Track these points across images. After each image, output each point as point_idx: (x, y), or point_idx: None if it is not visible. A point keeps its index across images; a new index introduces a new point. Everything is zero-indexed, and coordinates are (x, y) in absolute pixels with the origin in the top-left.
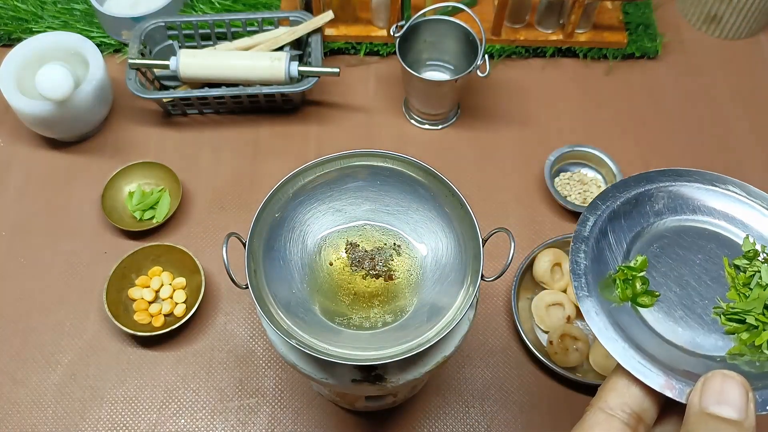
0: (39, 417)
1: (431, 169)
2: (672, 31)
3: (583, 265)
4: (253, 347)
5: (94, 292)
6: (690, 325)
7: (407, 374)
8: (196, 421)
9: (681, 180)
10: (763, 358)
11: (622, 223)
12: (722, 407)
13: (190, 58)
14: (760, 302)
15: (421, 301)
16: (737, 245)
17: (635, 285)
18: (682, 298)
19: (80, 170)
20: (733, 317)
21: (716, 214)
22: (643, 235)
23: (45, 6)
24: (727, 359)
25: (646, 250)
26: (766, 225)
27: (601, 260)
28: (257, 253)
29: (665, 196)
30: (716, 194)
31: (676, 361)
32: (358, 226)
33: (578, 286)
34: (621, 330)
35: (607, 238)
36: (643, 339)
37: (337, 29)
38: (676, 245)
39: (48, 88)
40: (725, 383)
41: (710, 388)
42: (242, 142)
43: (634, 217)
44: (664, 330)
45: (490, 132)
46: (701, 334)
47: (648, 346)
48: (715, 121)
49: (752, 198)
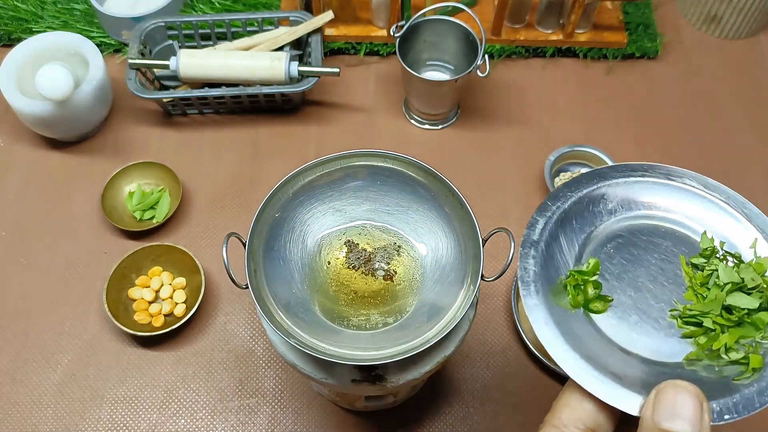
0: (39, 417)
1: (431, 169)
2: (672, 31)
3: (533, 272)
4: (253, 347)
5: (94, 292)
6: (646, 331)
7: (407, 374)
8: (196, 421)
9: (635, 175)
10: (722, 362)
11: (573, 224)
12: (675, 422)
13: (190, 58)
14: (718, 303)
15: (421, 301)
16: (695, 243)
17: (587, 290)
18: (637, 301)
19: (80, 170)
20: (689, 320)
21: (673, 210)
22: (596, 236)
23: (45, 6)
24: (684, 365)
25: (599, 252)
26: (725, 220)
27: (552, 265)
28: (257, 253)
29: (619, 193)
30: (672, 189)
31: (632, 371)
32: (358, 226)
33: (527, 294)
34: (572, 340)
35: (558, 242)
36: (596, 348)
37: (337, 29)
38: (630, 245)
39: (48, 88)
40: (678, 395)
41: (662, 401)
42: (242, 142)
43: (587, 217)
44: (618, 337)
45: (490, 132)
46: (657, 340)
47: (601, 356)
48: (715, 121)
49: (710, 192)
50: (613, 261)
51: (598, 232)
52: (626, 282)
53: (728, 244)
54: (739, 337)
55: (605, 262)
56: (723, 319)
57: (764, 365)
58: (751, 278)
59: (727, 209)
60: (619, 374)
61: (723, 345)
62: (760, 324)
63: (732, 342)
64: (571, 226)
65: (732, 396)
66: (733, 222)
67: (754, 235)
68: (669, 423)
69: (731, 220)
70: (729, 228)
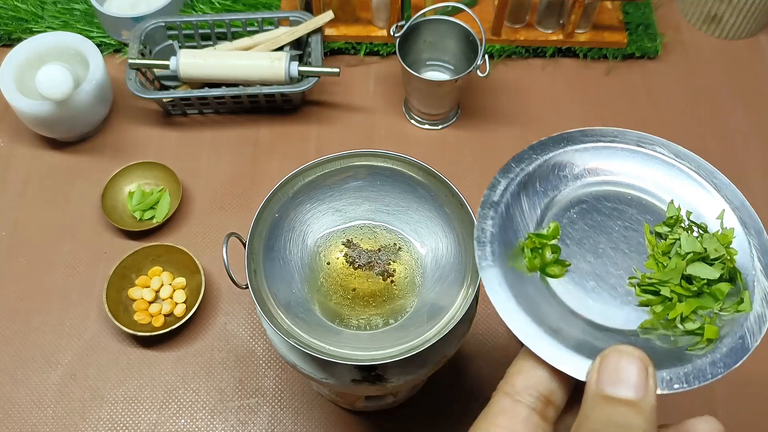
0: (39, 417)
1: (431, 169)
2: (672, 31)
3: (490, 233)
4: (253, 347)
5: (94, 292)
6: (602, 298)
7: (407, 374)
8: (196, 421)
9: (604, 141)
10: (677, 332)
11: (537, 187)
12: (618, 387)
13: (190, 58)
14: (677, 273)
15: (421, 301)
16: (662, 211)
17: (544, 254)
18: (596, 268)
19: (80, 170)
20: (648, 288)
21: (641, 177)
22: (560, 200)
23: (45, 6)
24: (639, 333)
25: (561, 217)
26: (694, 190)
27: (511, 227)
28: (257, 253)
29: (586, 158)
30: (642, 156)
31: (585, 338)
32: (358, 226)
33: (481, 255)
34: (526, 304)
35: (519, 204)
36: (550, 313)
37: (337, 29)
38: (594, 211)
39: (48, 88)
40: (622, 360)
41: (606, 366)
42: (242, 142)
43: (551, 180)
44: (574, 303)
45: (490, 132)
46: (614, 307)
47: (555, 322)
48: (716, 121)
49: (680, 160)
50: (575, 226)
51: (562, 197)
52: (587, 248)
53: (695, 214)
54: (697, 307)
55: (567, 227)
56: (682, 288)
57: (719, 337)
58: (714, 249)
59: (697, 179)
60: (571, 340)
61: (679, 314)
62: (719, 295)
63: (688, 311)
64: (534, 189)
65: (684, 366)
66: (702, 192)
67: (722, 206)
68: (612, 389)
69: (700, 190)
70: (697, 198)
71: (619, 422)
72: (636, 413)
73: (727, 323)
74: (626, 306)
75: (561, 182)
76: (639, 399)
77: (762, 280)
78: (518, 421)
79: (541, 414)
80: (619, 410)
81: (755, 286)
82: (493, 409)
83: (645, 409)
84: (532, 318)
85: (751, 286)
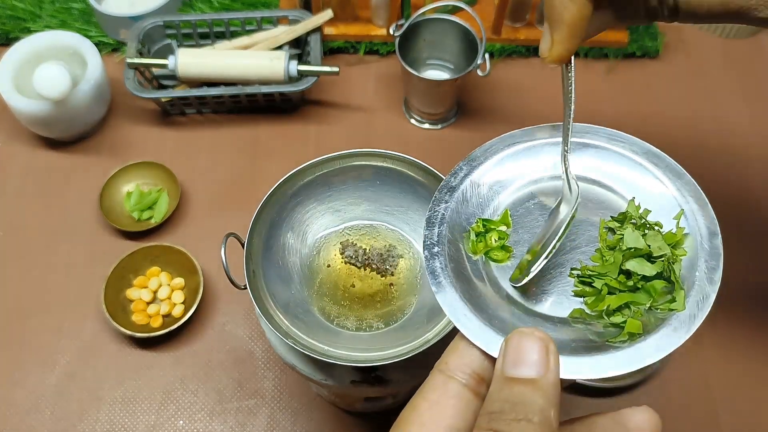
0: (37, 418)
1: (431, 169)
2: (673, 30)
3: (441, 215)
4: (251, 348)
5: (91, 292)
6: (540, 286)
7: (407, 375)
8: (194, 423)
9: (575, 136)
10: (604, 324)
11: (500, 177)
12: (520, 368)
13: (188, 58)
14: (615, 266)
15: (420, 301)
16: (622, 209)
17: (489, 239)
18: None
19: (78, 170)
20: (585, 280)
21: (607, 173)
22: (521, 191)
23: (43, 5)
24: (570, 322)
25: (519, 206)
26: (658, 188)
27: (465, 213)
28: (256, 254)
29: (553, 152)
30: (610, 153)
31: (513, 321)
32: (357, 226)
33: (429, 235)
34: (463, 286)
35: (477, 190)
36: (486, 296)
37: (337, 28)
38: (553, 204)
39: (46, 88)
40: (522, 342)
41: (508, 349)
42: (241, 141)
43: (515, 171)
44: (511, 288)
45: (490, 131)
46: (552, 296)
47: (489, 305)
48: (717, 121)
49: (649, 158)
50: (531, 216)
51: (524, 188)
52: (538, 238)
53: (656, 214)
54: (629, 302)
55: (523, 216)
56: (617, 282)
57: (644, 333)
58: (659, 247)
59: (662, 178)
60: (502, 323)
61: (606, 306)
62: (653, 292)
63: (616, 305)
64: (497, 179)
65: (601, 355)
66: (665, 191)
67: (684, 206)
68: (514, 370)
69: (664, 189)
70: (660, 197)
71: (515, 401)
72: (534, 390)
73: (664, 321)
74: (561, 296)
75: (526, 173)
76: (539, 377)
77: (704, 282)
78: (449, 396)
79: (473, 390)
80: (518, 389)
81: (695, 287)
82: (427, 386)
83: (544, 385)
84: (467, 299)
85: (692, 288)
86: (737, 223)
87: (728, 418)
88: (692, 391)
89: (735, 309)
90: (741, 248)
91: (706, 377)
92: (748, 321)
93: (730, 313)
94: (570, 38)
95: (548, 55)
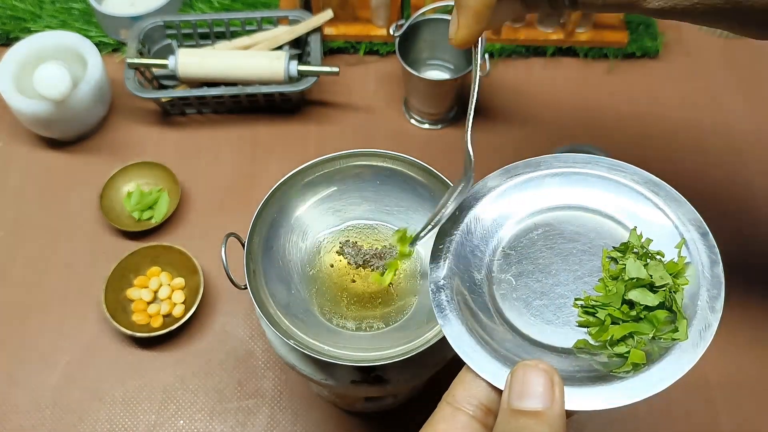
0: (37, 418)
1: (431, 169)
2: (673, 30)
3: (446, 248)
4: (252, 348)
5: (92, 292)
6: (545, 316)
7: (407, 375)
8: (194, 423)
9: (576, 166)
10: (608, 354)
11: (503, 210)
12: (525, 400)
13: (188, 58)
14: (618, 297)
15: (420, 301)
16: (624, 238)
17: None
18: (546, 287)
19: (78, 170)
20: (589, 310)
21: (609, 204)
22: (525, 221)
23: (43, 5)
24: (575, 353)
25: (524, 237)
26: (659, 218)
27: (471, 245)
28: (256, 254)
29: (557, 182)
30: (612, 183)
31: (519, 352)
32: (357, 226)
33: (434, 269)
34: (468, 318)
35: (481, 223)
36: (489, 327)
37: (337, 28)
38: (557, 234)
39: (46, 88)
40: (527, 374)
41: (513, 382)
42: (241, 141)
43: (520, 201)
44: (516, 319)
45: (490, 131)
46: (554, 326)
47: (494, 335)
48: (717, 121)
49: (650, 188)
50: (535, 247)
51: (527, 218)
52: (540, 268)
53: (658, 243)
54: (632, 332)
55: (527, 247)
56: (620, 312)
57: (648, 363)
58: (660, 276)
59: (663, 208)
60: (507, 354)
61: (609, 337)
62: (655, 321)
63: (620, 335)
64: (501, 209)
65: (606, 385)
66: (667, 221)
67: (685, 235)
68: (519, 402)
69: (665, 219)
70: (662, 227)
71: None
72: (540, 422)
73: (667, 351)
74: (566, 326)
75: (529, 204)
76: (545, 409)
77: (706, 311)
78: (458, 427)
79: (481, 422)
80: (524, 421)
81: (697, 316)
82: (436, 417)
83: (549, 417)
84: (472, 331)
85: (694, 316)
86: (737, 223)
87: (728, 418)
88: (692, 391)
89: (735, 308)
90: (741, 248)
91: (706, 377)
92: (748, 320)
93: (731, 314)
94: (475, 23)
95: (454, 37)
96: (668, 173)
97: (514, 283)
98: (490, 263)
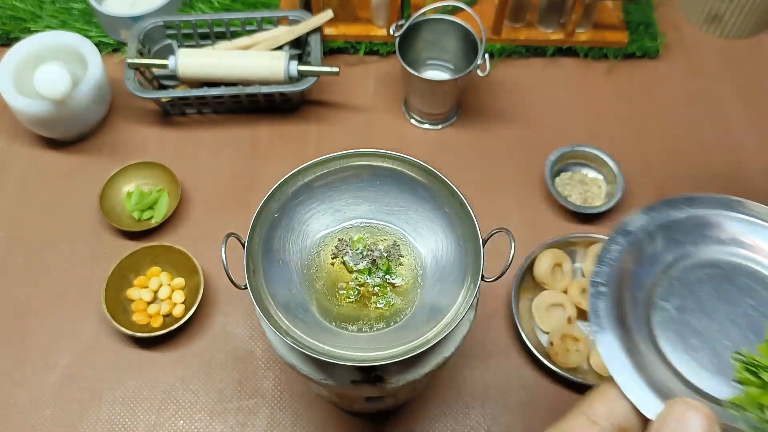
0: (37, 418)
1: (431, 169)
2: (673, 30)
3: (614, 257)
4: (252, 348)
5: (92, 292)
6: (699, 357)
7: (407, 375)
8: (194, 422)
9: (760, 217)
10: (761, 420)
11: (677, 235)
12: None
13: (188, 58)
14: None
15: (421, 301)
16: None
17: None
18: (705, 329)
19: (78, 170)
20: (752, 369)
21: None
22: (695, 256)
23: (43, 5)
24: (724, 406)
25: (692, 272)
26: None
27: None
28: (256, 254)
29: (736, 227)
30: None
31: (669, 386)
32: (357, 226)
33: (598, 272)
34: (622, 334)
35: (653, 242)
36: (647, 356)
37: (337, 28)
38: (726, 280)
39: (46, 88)
40: (687, 412)
41: (670, 415)
42: (241, 141)
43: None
44: (670, 351)
45: (490, 132)
46: (707, 371)
47: (649, 365)
48: (717, 121)
49: None
50: (702, 286)
51: (699, 254)
52: (704, 309)
53: None
54: None
55: (694, 284)
56: None
57: None
58: None
59: None
60: (657, 385)
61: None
62: None
63: None
64: (673, 237)
65: None
66: None
67: None
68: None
69: None
70: None
71: None
72: None
73: None
74: (720, 375)
75: (703, 240)
76: None
77: None
78: None
79: None
80: None
81: None
82: (570, 424)
83: None
84: (625, 348)
85: None
86: None
87: None
88: None
89: None
90: None
91: None
92: None
93: None
94: None
95: None
96: (668, 173)
97: (673, 313)
98: (652, 286)
